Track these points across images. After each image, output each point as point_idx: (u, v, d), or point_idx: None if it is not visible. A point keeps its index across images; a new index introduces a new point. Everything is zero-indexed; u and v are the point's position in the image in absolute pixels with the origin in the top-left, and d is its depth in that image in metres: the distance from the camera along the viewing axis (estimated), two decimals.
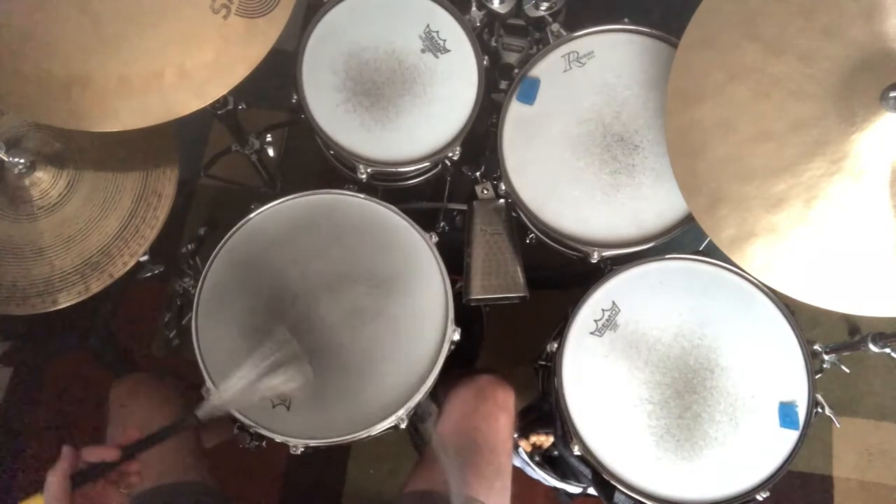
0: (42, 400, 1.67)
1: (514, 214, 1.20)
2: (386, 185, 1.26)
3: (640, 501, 0.99)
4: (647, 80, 1.15)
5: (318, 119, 1.16)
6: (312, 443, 0.99)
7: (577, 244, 1.10)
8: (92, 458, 0.75)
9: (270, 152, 1.50)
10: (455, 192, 1.31)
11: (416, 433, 1.10)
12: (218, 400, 0.88)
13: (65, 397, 1.67)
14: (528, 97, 1.15)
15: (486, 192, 1.22)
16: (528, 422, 1.25)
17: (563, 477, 1.33)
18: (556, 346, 1.07)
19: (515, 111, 1.16)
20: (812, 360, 1.03)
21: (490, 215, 1.20)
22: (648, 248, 1.10)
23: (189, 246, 1.54)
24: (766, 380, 1.02)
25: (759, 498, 0.98)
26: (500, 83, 1.28)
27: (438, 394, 1.11)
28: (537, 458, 1.33)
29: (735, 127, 0.91)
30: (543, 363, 1.21)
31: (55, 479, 0.71)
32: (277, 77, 1.12)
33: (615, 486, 1.00)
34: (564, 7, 1.24)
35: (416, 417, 1.07)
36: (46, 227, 1.03)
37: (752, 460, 0.99)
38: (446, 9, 1.20)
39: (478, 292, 1.17)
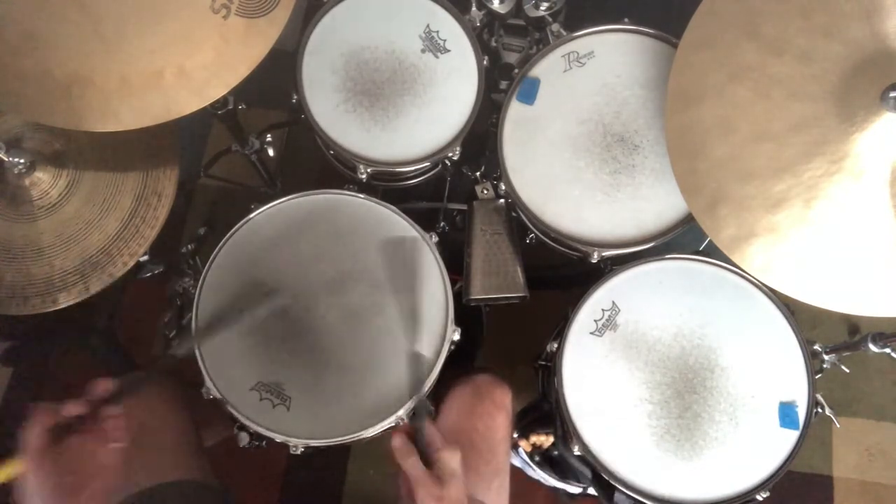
0: (42, 400, 1.67)
1: (514, 214, 1.20)
2: (386, 185, 1.26)
3: (640, 501, 0.99)
4: (647, 80, 1.15)
5: (318, 119, 1.16)
6: (312, 443, 0.99)
7: (577, 244, 1.10)
8: (68, 413, 0.73)
9: (270, 152, 1.50)
10: (455, 192, 1.31)
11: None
12: (191, 336, 0.88)
13: (65, 397, 1.66)
14: (528, 97, 1.15)
15: (486, 192, 1.22)
16: (528, 422, 1.25)
17: (563, 477, 1.33)
18: (556, 346, 1.07)
19: (515, 111, 1.16)
20: (812, 360, 1.03)
21: (490, 215, 1.20)
22: (648, 248, 1.10)
23: (189, 246, 1.54)
24: (766, 380, 1.02)
25: (759, 498, 0.98)
26: (500, 83, 1.28)
27: (437, 393, 1.11)
28: (537, 458, 1.33)
29: (735, 127, 0.91)
30: (543, 363, 1.21)
31: (33, 434, 0.69)
32: (277, 77, 1.12)
33: (615, 486, 1.00)
34: (564, 7, 1.24)
35: (416, 417, 1.07)
36: (46, 227, 1.03)
37: (752, 460, 0.99)
38: (446, 9, 1.20)
39: (478, 292, 1.17)
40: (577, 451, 1.01)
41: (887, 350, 1.30)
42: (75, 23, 0.89)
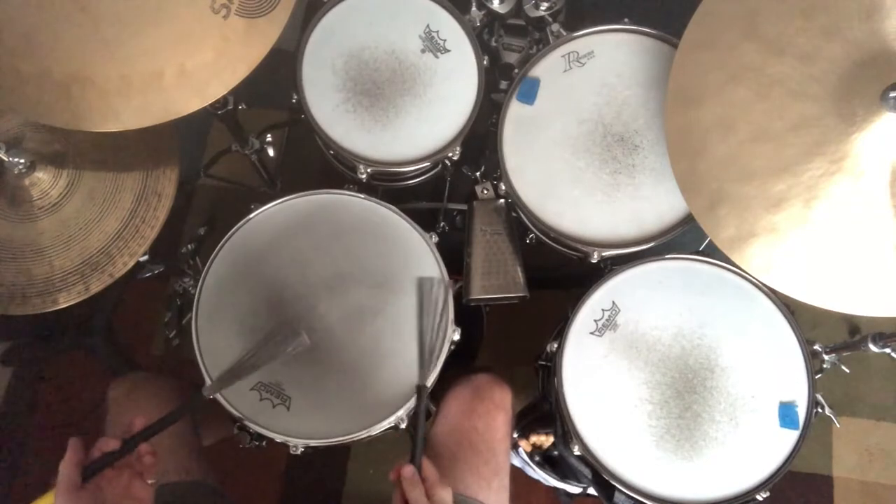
0: (42, 400, 1.67)
1: (514, 214, 1.20)
2: (386, 185, 1.26)
3: (640, 501, 0.99)
4: (647, 80, 1.15)
5: (318, 119, 1.16)
6: (312, 443, 0.99)
7: (577, 244, 1.10)
8: (103, 450, 0.77)
9: (270, 152, 1.50)
10: (455, 192, 1.31)
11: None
12: (219, 378, 0.90)
13: (65, 397, 1.67)
14: (528, 97, 1.15)
15: (486, 192, 1.22)
16: (528, 422, 1.25)
17: (563, 477, 1.33)
18: (556, 346, 1.07)
19: (515, 111, 1.16)
20: (812, 360, 1.03)
21: (490, 215, 1.20)
22: (648, 248, 1.10)
23: (189, 246, 1.55)
24: (766, 380, 1.02)
25: (759, 498, 0.98)
26: (500, 83, 1.28)
27: (437, 393, 1.11)
28: (537, 458, 1.33)
29: (735, 127, 0.91)
30: (543, 363, 1.21)
31: (66, 470, 0.73)
32: (277, 77, 1.12)
33: (615, 486, 1.00)
34: (564, 7, 1.24)
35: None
36: (46, 227, 1.03)
37: (752, 460, 0.99)
38: (446, 9, 1.20)
39: (478, 292, 1.17)
40: (577, 451, 1.01)
41: (887, 350, 1.30)
42: (75, 23, 0.89)
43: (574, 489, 1.34)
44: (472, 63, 1.18)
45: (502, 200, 1.21)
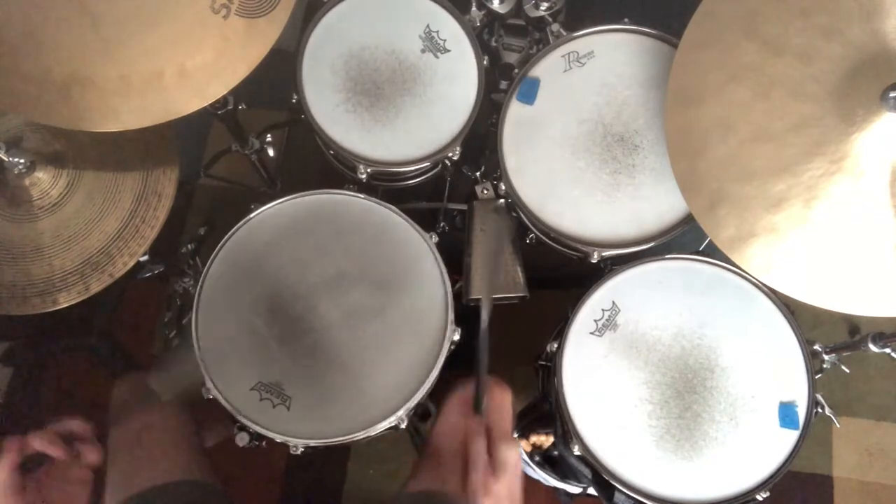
0: (42, 400, 1.67)
1: (514, 214, 1.20)
2: (386, 185, 1.26)
3: (640, 501, 0.99)
4: (647, 80, 1.15)
5: (318, 119, 1.16)
6: (312, 443, 0.99)
7: (577, 244, 1.10)
8: (37, 448, 0.75)
9: (270, 152, 1.50)
10: (455, 192, 1.31)
11: (416, 433, 1.10)
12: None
13: (65, 397, 1.67)
14: (528, 97, 1.15)
15: (486, 192, 1.22)
16: (528, 422, 1.25)
17: (563, 477, 1.33)
18: (556, 346, 1.07)
19: (515, 111, 1.16)
20: (812, 360, 1.03)
21: (490, 215, 1.20)
22: (648, 248, 1.10)
23: (189, 246, 1.55)
24: (766, 380, 1.02)
25: (759, 498, 0.98)
26: (500, 83, 1.28)
27: (437, 393, 1.11)
28: (537, 458, 1.33)
29: (735, 127, 0.91)
30: (543, 363, 1.21)
31: (3, 472, 0.71)
32: (277, 77, 1.12)
33: (615, 486, 1.00)
34: (564, 7, 1.24)
35: (416, 417, 1.07)
36: (46, 227, 1.03)
37: (752, 460, 0.99)
38: (446, 9, 1.20)
39: (478, 292, 1.17)
40: (577, 451, 1.01)
41: (887, 350, 1.30)
42: (75, 23, 0.89)
43: (574, 489, 1.34)
44: (472, 63, 1.18)
45: (502, 200, 1.21)
